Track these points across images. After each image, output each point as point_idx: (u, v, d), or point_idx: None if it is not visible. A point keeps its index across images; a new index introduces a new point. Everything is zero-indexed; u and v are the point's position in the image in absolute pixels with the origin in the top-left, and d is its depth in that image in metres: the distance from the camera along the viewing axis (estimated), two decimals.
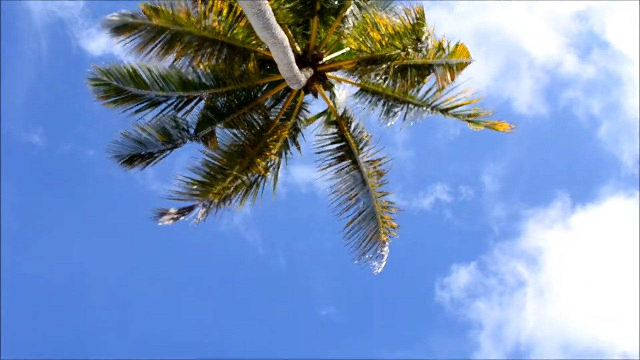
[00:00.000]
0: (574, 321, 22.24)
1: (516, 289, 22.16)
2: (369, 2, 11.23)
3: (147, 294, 21.23)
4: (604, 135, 22.46)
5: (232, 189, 10.75)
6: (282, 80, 10.97)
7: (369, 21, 10.89)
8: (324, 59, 11.55)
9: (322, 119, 12.16)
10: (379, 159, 11.56)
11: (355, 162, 11.47)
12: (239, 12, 10.55)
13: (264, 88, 11.74)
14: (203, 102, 11.33)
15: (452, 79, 11.23)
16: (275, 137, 11.20)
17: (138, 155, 11.27)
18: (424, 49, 10.67)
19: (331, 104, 11.86)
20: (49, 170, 21.03)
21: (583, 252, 22.66)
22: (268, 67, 11.53)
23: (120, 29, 10.61)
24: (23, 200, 20.66)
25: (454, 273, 21.91)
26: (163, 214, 10.17)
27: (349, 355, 21.45)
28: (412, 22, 10.42)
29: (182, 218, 10.29)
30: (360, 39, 11.06)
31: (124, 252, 21.27)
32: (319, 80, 11.49)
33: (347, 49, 11.56)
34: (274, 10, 9.61)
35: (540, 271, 22.42)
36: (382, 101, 11.70)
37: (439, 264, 22.29)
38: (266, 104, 11.70)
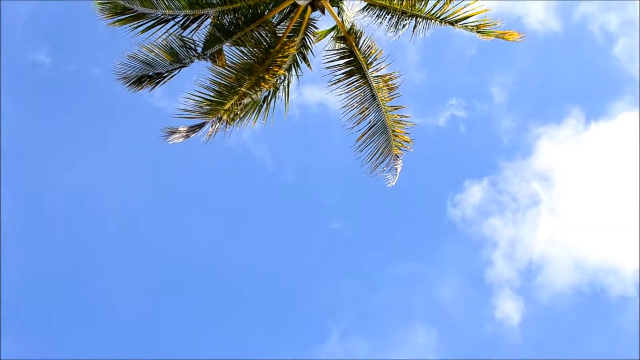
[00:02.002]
0: (586, 239, 22.36)
1: (529, 207, 22.23)
2: None
3: (155, 211, 21.46)
4: (619, 52, 22.11)
5: (241, 106, 10.75)
6: None
7: None
8: None
9: (331, 35, 12.07)
10: (389, 74, 11.52)
11: (364, 77, 11.43)
12: None
13: (271, 5, 11.59)
14: (210, 20, 11.23)
15: None
16: (283, 53, 11.12)
17: (146, 76, 11.28)
18: None
19: (339, 20, 11.73)
20: (56, 88, 21.02)
21: (597, 169, 22.62)
22: None
23: None
24: (30, 119, 20.78)
25: (467, 190, 21.94)
26: (173, 132, 10.22)
27: (359, 267, 21.82)
28: None
29: (192, 136, 10.35)
30: None
31: (131, 170, 21.36)
32: None
33: None
34: None
35: (554, 189, 22.43)
36: (389, 15, 11.55)
37: (452, 181, 22.31)
38: (273, 20, 11.59)
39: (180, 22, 11.10)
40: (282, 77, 11.27)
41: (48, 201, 21.00)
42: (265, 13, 11.42)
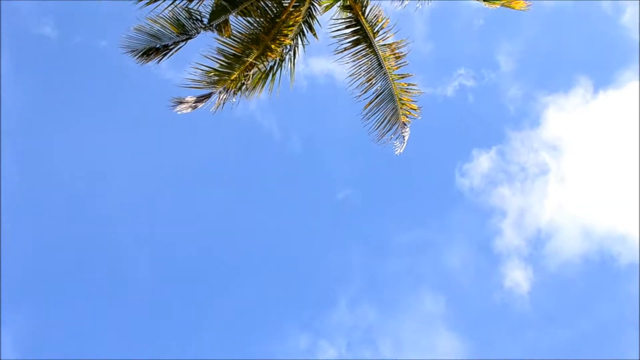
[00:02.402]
0: (594, 208, 22.40)
1: (538, 176, 22.26)
2: None
3: (163, 181, 21.63)
4: (627, 20, 21.96)
5: (249, 76, 10.78)
6: None
7: None
8: None
9: (337, 5, 12.02)
10: (396, 42, 11.51)
11: (370, 46, 11.42)
12: None
13: None
14: None
15: None
16: (289, 23, 11.11)
17: (153, 49, 11.28)
18: None
19: None
20: (62, 62, 21.08)
21: (605, 138, 22.58)
22: None
23: None
24: (37, 92, 20.87)
25: (475, 159, 21.97)
26: (180, 102, 10.28)
27: (367, 235, 21.97)
28: None
29: (199, 106, 10.40)
30: None
31: (140, 141, 21.48)
32: None
33: None
34: None
35: (562, 158, 22.44)
36: None
37: (460, 150, 22.34)
38: None
39: None
40: (289, 47, 11.27)
41: (55, 174, 21.17)
42: None
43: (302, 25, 11.42)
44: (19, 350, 20.41)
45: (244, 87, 10.90)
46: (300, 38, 11.53)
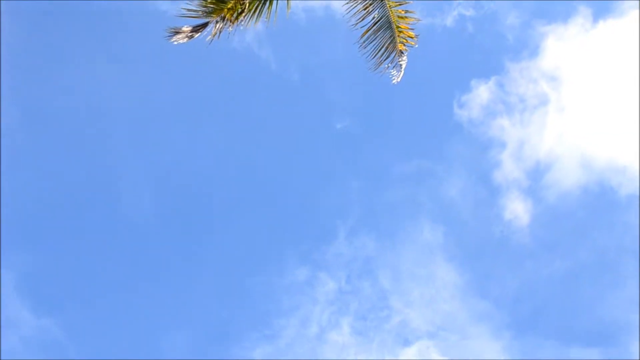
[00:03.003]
0: (594, 139, 22.38)
1: (537, 107, 22.18)
2: None
3: (161, 113, 21.69)
4: None
5: (245, 4, 10.63)
6: None
7: None
8: None
9: None
10: None
11: None
12: None
13: None
14: None
15: None
16: None
17: None
18: None
19: None
20: None
21: (604, 68, 22.41)
22: None
23: None
24: (32, 31, 20.66)
25: (474, 90, 21.86)
26: (177, 32, 10.14)
27: (365, 166, 22.09)
28: None
29: (196, 36, 10.29)
30: None
31: (136, 73, 21.37)
32: None
33: None
34: None
35: (561, 88, 22.32)
36: None
37: (458, 81, 22.22)
38: None
39: None
40: None
41: (53, 111, 21.12)
42: None
43: None
44: (21, 291, 20.79)
45: (240, 15, 10.74)
46: None
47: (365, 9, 11.03)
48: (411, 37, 11.09)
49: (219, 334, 20.90)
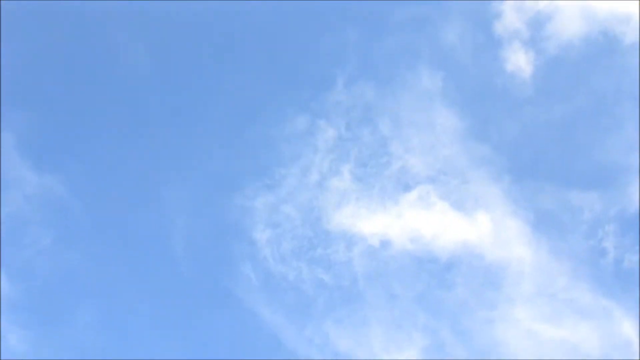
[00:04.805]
0: None
1: None
2: None
3: None
4: None
5: None
6: None
7: None
8: None
9: None
10: None
11: None
12: None
13: None
14: None
15: None
16: None
17: None
18: None
19: None
20: None
21: None
22: None
23: None
24: None
25: None
26: None
27: (362, 12, 21.75)
28: None
29: None
30: None
31: None
32: None
33: None
34: None
35: None
36: None
37: None
38: None
39: None
40: None
41: None
42: None
43: None
44: (22, 150, 20.84)
45: None
46: None
47: None
48: None
49: (219, 183, 21.03)
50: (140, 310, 19.86)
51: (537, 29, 21.79)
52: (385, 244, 20.15)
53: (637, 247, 19.55)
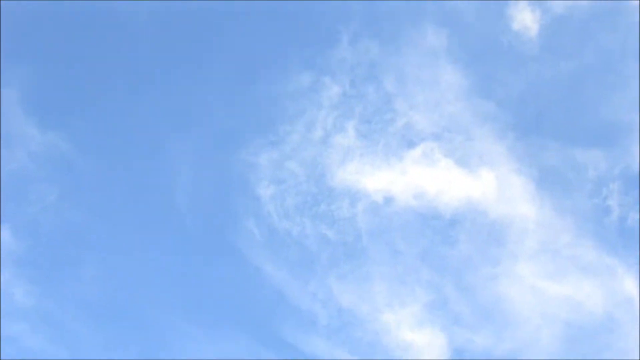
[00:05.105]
0: None
1: None
2: None
3: None
4: None
5: None
6: None
7: None
8: None
9: None
10: None
11: None
12: None
13: None
14: None
15: None
16: None
17: None
18: None
19: None
20: None
21: None
22: None
23: None
24: None
25: None
26: None
27: None
28: None
29: None
30: None
31: None
32: None
33: None
34: None
35: None
36: None
37: None
38: None
39: None
40: None
41: None
42: None
43: None
44: (25, 107, 20.83)
45: None
46: None
47: None
48: None
49: (224, 140, 21.04)
50: (144, 264, 20.01)
51: None
52: (389, 200, 20.20)
53: None
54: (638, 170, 19.83)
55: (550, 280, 19.38)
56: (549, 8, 21.34)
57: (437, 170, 20.34)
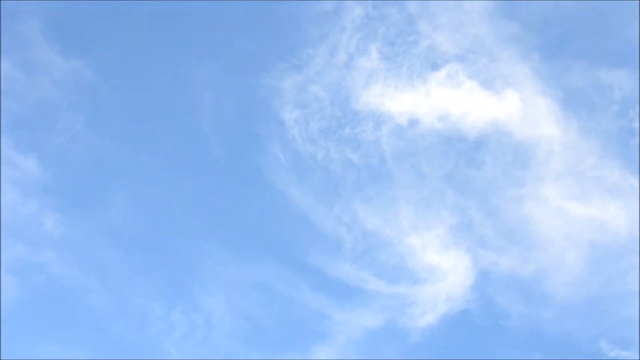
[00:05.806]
0: None
1: None
2: None
3: None
4: None
5: None
6: None
7: None
8: None
9: None
10: None
11: None
12: None
13: None
14: None
15: None
16: None
17: None
18: None
19: None
20: None
21: None
22: None
23: None
24: None
25: None
26: None
27: None
28: None
29: None
30: None
31: None
32: None
33: None
34: None
35: None
36: None
37: None
38: None
39: None
40: None
41: None
42: None
43: None
44: (48, 35, 20.83)
45: None
46: None
47: None
48: None
49: (247, 64, 20.96)
50: (171, 191, 20.16)
51: None
52: (413, 122, 20.13)
53: None
54: None
55: (575, 202, 19.35)
56: None
57: (461, 92, 20.19)
